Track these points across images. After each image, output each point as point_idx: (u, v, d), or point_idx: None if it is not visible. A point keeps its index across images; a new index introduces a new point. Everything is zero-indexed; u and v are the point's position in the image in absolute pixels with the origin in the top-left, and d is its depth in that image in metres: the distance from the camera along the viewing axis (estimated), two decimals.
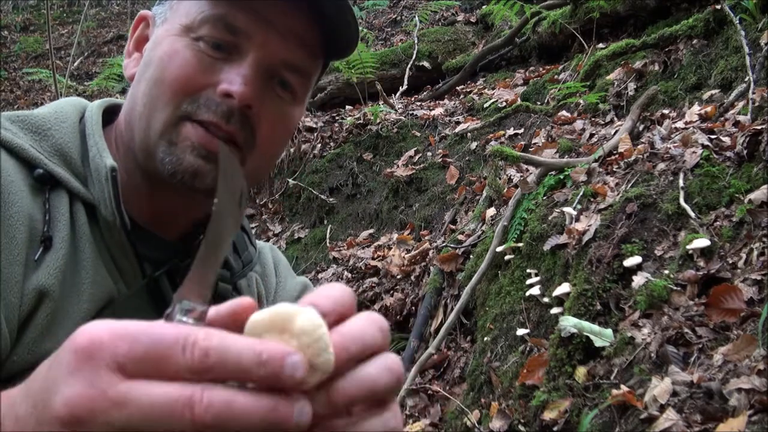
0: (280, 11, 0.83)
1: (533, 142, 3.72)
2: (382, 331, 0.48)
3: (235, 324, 0.46)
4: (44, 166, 0.81)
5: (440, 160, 4.29)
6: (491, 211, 3.20)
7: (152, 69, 0.84)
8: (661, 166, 2.39)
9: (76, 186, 0.83)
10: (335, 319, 0.47)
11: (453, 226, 3.59)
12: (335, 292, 0.48)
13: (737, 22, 3.00)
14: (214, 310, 0.46)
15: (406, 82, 5.91)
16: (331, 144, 5.08)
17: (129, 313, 0.84)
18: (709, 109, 2.74)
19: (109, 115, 0.92)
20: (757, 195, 1.94)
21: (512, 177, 3.35)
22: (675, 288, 1.88)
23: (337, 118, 5.42)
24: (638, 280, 1.98)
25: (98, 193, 0.83)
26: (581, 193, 2.51)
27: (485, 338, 2.51)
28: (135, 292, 0.86)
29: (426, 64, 6.19)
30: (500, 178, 3.34)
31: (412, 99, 5.72)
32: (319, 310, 0.45)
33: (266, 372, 0.41)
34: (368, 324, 0.47)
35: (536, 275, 2.42)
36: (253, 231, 4.96)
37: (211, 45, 0.82)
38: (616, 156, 2.72)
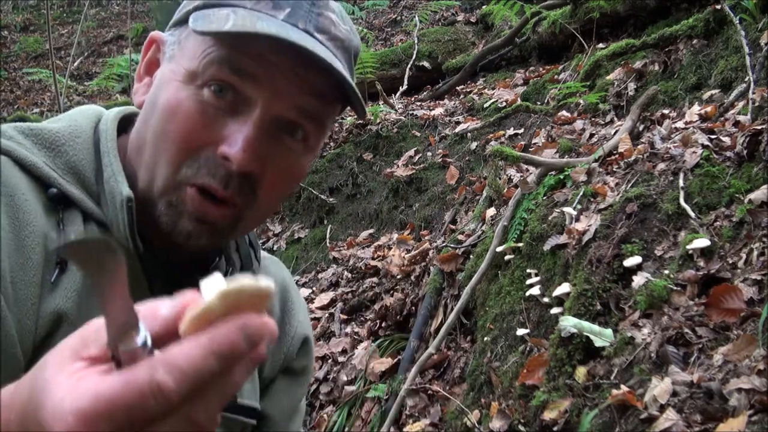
0: (289, 58, 0.78)
1: (533, 142, 3.72)
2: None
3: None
4: (58, 185, 0.80)
5: (440, 160, 4.29)
6: (491, 211, 3.20)
7: (156, 117, 0.80)
8: (661, 166, 2.39)
9: (90, 207, 0.82)
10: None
11: (453, 226, 3.59)
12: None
13: (737, 22, 3.00)
14: (161, 319, 0.48)
15: (406, 82, 5.91)
16: (331, 144, 5.08)
17: None
18: (709, 109, 2.74)
19: (124, 122, 0.90)
20: (757, 195, 1.94)
21: (512, 177, 3.35)
22: (675, 288, 1.88)
23: (337, 118, 5.41)
24: (638, 280, 1.98)
25: (112, 216, 0.81)
26: (581, 193, 2.51)
27: (485, 338, 2.51)
28: None
29: (426, 64, 6.19)
30: (500, 178, 3.34)
31: (412, 99, 5.72)
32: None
33: (228, 361, 0.44)
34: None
35: (536, 275, 2.42)
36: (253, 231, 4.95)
37: (215, 91, 0.78)
38: (616, 156, 2.72)
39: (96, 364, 0.46)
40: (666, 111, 3.08)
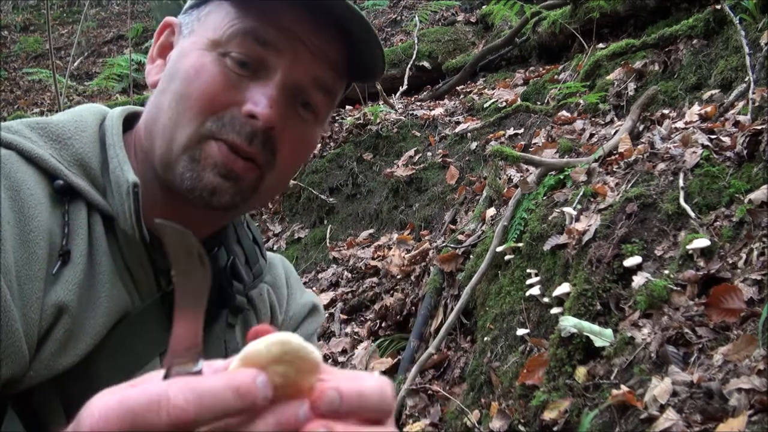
0: (310, 28, 0.82)
1: (533, 142, 3.72)
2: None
3: None
4: (65, 177, 0.80)
5: (440, 160, 4.29)
6: (491, 211, 3.20)
7: (178, 82, 0.83)
8: (661, 166, 2.39)
9: (96, 198, 0.82)
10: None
11: (453, 226, 3.59)
12: (369, 387, 0.50)
13: (737, 22, 3.00)
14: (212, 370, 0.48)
15: (406, 82, 5.91)
16: (331, 144, 5.08)
17: (144, 326, 0.84)
18: (709, 109, 2.74)
19: (129, 122, 0.92)
20: (757, 195, 1.94)
21: (512, 177, 3.35)
22: (675, 288, 1.88)
23: (337, 118, 5.42)
24: (638, 280, 1.98)
25: (118, 206, 0.82)
26: (581, 193, 2.51)
27: (485, 338, 2.51)
28: (150, 304, 0.85)
29: (426, 64, 6.19)
30: (500, 178, 3.34)
31: (412, 99, 5.73)
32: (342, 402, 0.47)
33: (244, 402, 0.44)
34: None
35: (536, 275, 2.42)
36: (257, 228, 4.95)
37: (238, 62, 0.81)
38: (616, 156, 2.72)
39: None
40: (666, 111, 3.08)
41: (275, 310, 1.04)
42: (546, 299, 2.29)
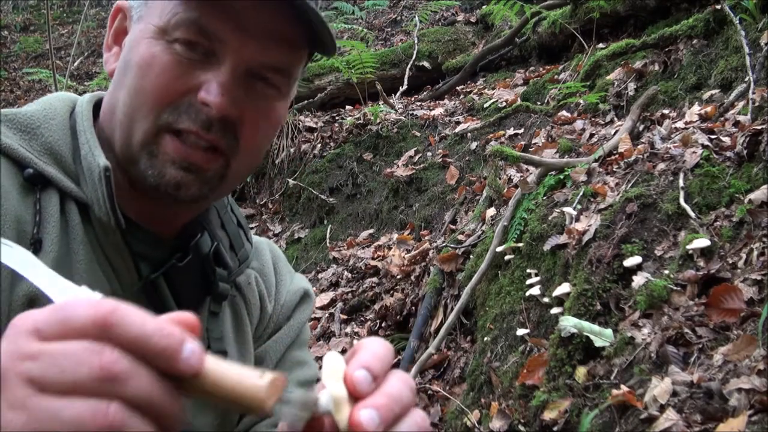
0: (254, 11, 0.80)
1: (533, 142, 3.72)
2: (412, 390, 0.54)
3: None
4: (34, 165, 0.80)
5: (440, 160, 4.29)
6: (491, 211, 3.20)
7: (131, 76, 0.81)
8: (661, 166, 2.39)
9: (68, 185, 0.81)
10: (380, 380, 0.52)
11: (453, 226, 3.59)
12: (380, 351, 0.54)
13: (737, 22, 3.00)
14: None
15: (406, 82, 5.91)
16: (331, 144, 5.08)
17: None
18: (709, 109, 2.74)
19: (98, 107, 0.90)
20: (757, 195, 1.94)
21: (512, 177, 3.35)
22: (675, 288, 1.88)
23: (337, 118, 5.42)
24: (638, 280, 1.98)
25: (91, 193, 0.81)
26: (581, 193, 2.51)
27: (485, 338, 2.51)
28: (131, 293, 0.84)
29: (426, 64, 6.19)
30: (500, 178, 3.34)
31: (412, 99, 5.72)
32: (371, 373, 0.51)
33: (165, 344, 0.44)
34: (404, 385, 0.53)
35: (536, 275, 2.42)
36: (253, 231, 4.96)
37: (187, 46, 0.79)
38: (616, 156, 2.72)
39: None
40: (666, 111, 3.08)
41: (264, 299, 1.03)
42: (546, 299, 2.29)
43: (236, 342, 0.98)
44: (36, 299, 0.74)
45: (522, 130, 3.99)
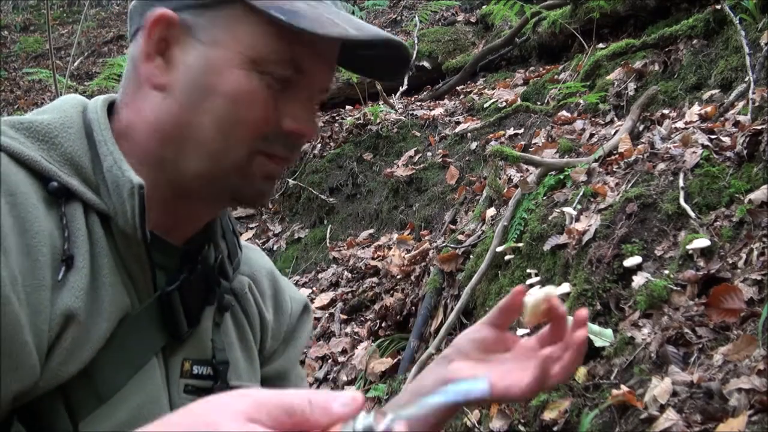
0: (331, 44, 0.85)
1: (533, 142, 3.72)
2: None
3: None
4: (58, 178, 0.77)
5: (440, 160, 4.29)
6: (491, 211, 3.20)
7: (219, 103, 0.81)
8: (661, 166, 2.39)
9: (91, 197, 0.79)
10: None
11: (453, 226, 3.59)
12: None
13: (737, 22, 3.00)
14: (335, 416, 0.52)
15: (406, 82, 5.90)
16: (331, 144, 5.08)
17: (143, 326, 0.83)
18: (709, 109, 2.74)
19: (110, 110, 0.89)
20: (757, 195, 1.94)
21: (512, 177, 3.35)
22: (675, 288, 1.88)
23: (337, 118, 5.42)
24: (638, 280, 1.98)
25: (116, 205, 0.79)
26: (581, 193, 2.51)
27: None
28: (147, 303, 0.84)
29: (426, 64, 6.19)
30: (500, 178, 3.34)
31: (412, 99, 5.72)
32: None
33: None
34: None
35: (536, 275, 2.42)
36: (253, 231, 4.96)
37: (280, 80, 0.83)
38: (616, 156, 2.72)
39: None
40: (666, 111, 3.08)
41: (260, 306, 1.02)
42: None
43: (242, 350, 0.98)
44: (73, 317, 0.74)
45: (522, 130, 3.99)
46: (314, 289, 3.93)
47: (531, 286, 1.10)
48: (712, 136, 2.41)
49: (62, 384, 0.75)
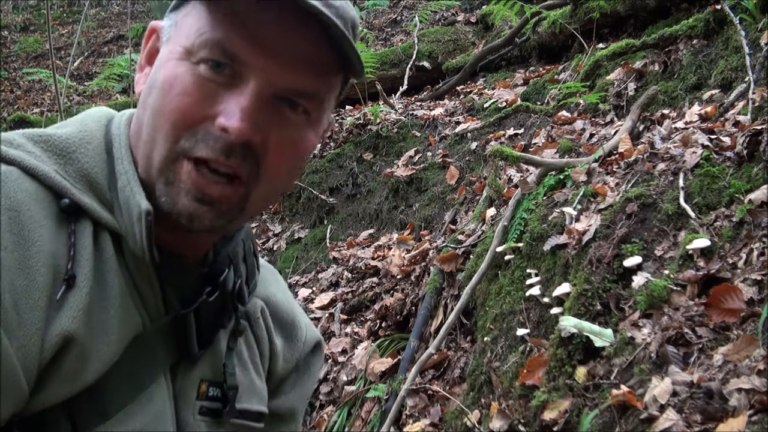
0: (281, 33, 0.76)
1: (533, 142, 3.72)
2: None
3: None
4: (71, 195, 0.77)
5: (440, 160, 4.29)
6: (491, 211, 3.20)
7: (153, 96, 0.79)
8: (661, 166, 2.39)
9: (104, 216, 0.79)
10: None
11: (453, 226, 3.59)
12: None
13: (737, 22, 3.00)
14: None
15: (406, 82, 5.91)
16: (331, 144, 5.08)
17: (153, 346, 0.82)
18: (709, 109, 2.74)
19: None
20: (757, 195, 1.94)
21: (512, 177, 3.35)
22: (675, 288, 1.88)
23: (337, 118, 5.42)
24: (638, 280, 1.98)
25: (127, 226, 0.79)
26: (581, 193, 2.51)
27: (485, 338, 2.51)
28: (159, 324, 0.83)
29: (426, 64, 6.19)
30: (500, 178, 3.34)
31: (412, 99, 5.73)
32: None
33: None
34: None
35: (536, 275, 2.42)
36: (253, 231, 4.97)
37: (211, 66, 0.76)
38: (616, 156, 2.72)
39: None
40: (666, 111, 3.08)
41: (271, 333, 1.01)
42: (546, 299, 2.29)
43: (253, 373, 0.98)
44: (71, 340, 0.72)
45: (522, 130, 3.99)
46: (314, 289, 3.93)
47: (531, 286, 1.07)
48: (712, 136, 2.41)
49: (67, 399, 0.74)
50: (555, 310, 2.20)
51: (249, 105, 0.75)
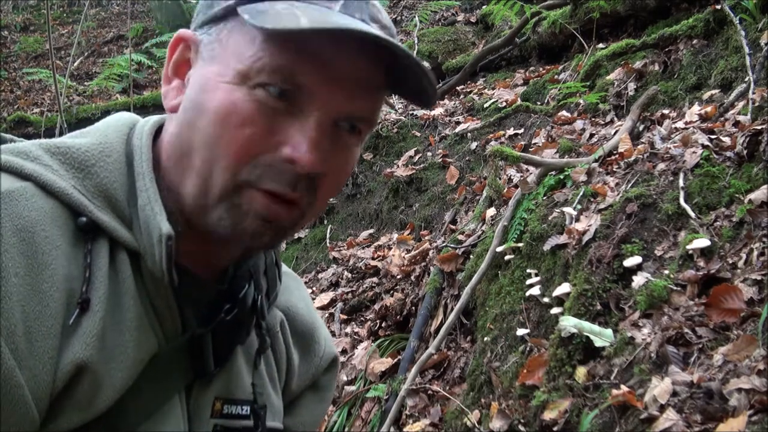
0: (346, 59, 0.73)
1: (533, 142, 3.72)
2: None
3: None
4: (89, 213, 0.74)
5: (440, 160, 4.29)
6: (491, 211, 3.20)
7: (208, 121, 0.74)
8: (661, 166, 2.39)
9: (122, 234, 0.76)
10: None
11: (453, 226, 3.60)
12: None
13: (737, 22, 3.00)
14: None
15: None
16: None
17: (169, 366, 0.80)
18: (709, 109, 2.74)
19: (158, 134, 0.85)
20: (757, 195, 1.94)
21: (512, 177, 3.35)
22: (675, 288, 1.88)
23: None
24: (638, 280, 1.98)
25: (146, 245, 0.76)
26: (581, 193, 2.51)
27: (485, 338, 2.51)
28: (175, 343, 0.81)
29: (426, 64, 6.19)
30: (500, 178, 3.34)
31: None
32: None
33: None
34: None
35: (536, 275, 2.42)
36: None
37: (272, 93, 0.72)
38: (616, 156, 2.72)
39: None
40: (666, 111, 3.08)
41: (290, 347, 1.00)
42: (546, 299, 2.29)
43: (273, 388, 0.96)
44: (84, 367, 0.70)
45: (522, 130, 3.99)
46: (314, 289, 3.93)
47: (531, 286, 1.06)
48: (712, 136, 2.41)
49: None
50: (555, 310, 2.20)
51: (316, 136, 0.73)
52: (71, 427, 0.71)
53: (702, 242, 1.92)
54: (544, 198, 2.73)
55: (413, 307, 3.17)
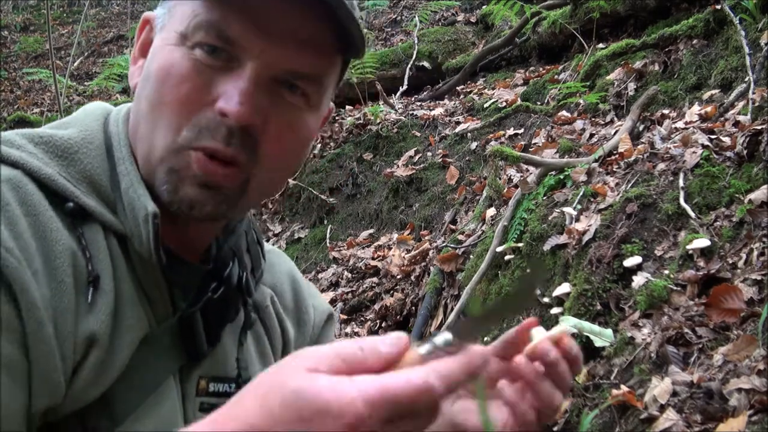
0: (280, 13, 0.74)
1: (533, 142, 3.72)
2: None
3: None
4: (75, 198, 0.75)
5: (440, 160, 4.29)
6: (491, 211, 3.20)
7: (150, 86, 0.76)
8: (661, 166, 2.39)
9: (108, 218, 0.77)
10: None
11: (453, 226, 3.59)
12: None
13: (737, 22, 3.00)
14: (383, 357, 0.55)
15: (406, 82, 5.91)
16: (331, 144, 5.08)
17: (161, 347, 0.81)
18: (709, 109, 2.74)
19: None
20: (757, 195, 1.94)
21: (512, 177, 3.35)
22: (675, 288, 1.88)
23: (337, 118, 5.42)
24: (638, 280, 1.98)
25: (132, 227, 0.77)
26: (581, 193, 2.51)
27: (485, 338, 2.51)
28: (166, 324, 0.82)
29: (426, 64, 6.19)
30: (500, 178, 3.34)
31: (412, 99, 5.72)
32: None
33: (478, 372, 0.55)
34: None
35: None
36: (258, 227, 4.95)
37: (207, 51, 0.74)
38: (616, 156, 2.72)
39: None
40: (666, 111, 3.08)
41: (283, 321, 1.00)
42: (546, 299, 2.29)
43: (260, 365, 0.96)
44: (95, 340, 0.72)
45: (522, 130, 3.99)
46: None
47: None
48: (712, 136, 2.41)
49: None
50: (555, 310, 2.20)
51: (247, 87, 0.73)
52: (75, 407, 0.72)
53: (702, 242, 1.92)
54: (544, 198, 2.73)
55: (413, 307, 3.17)
